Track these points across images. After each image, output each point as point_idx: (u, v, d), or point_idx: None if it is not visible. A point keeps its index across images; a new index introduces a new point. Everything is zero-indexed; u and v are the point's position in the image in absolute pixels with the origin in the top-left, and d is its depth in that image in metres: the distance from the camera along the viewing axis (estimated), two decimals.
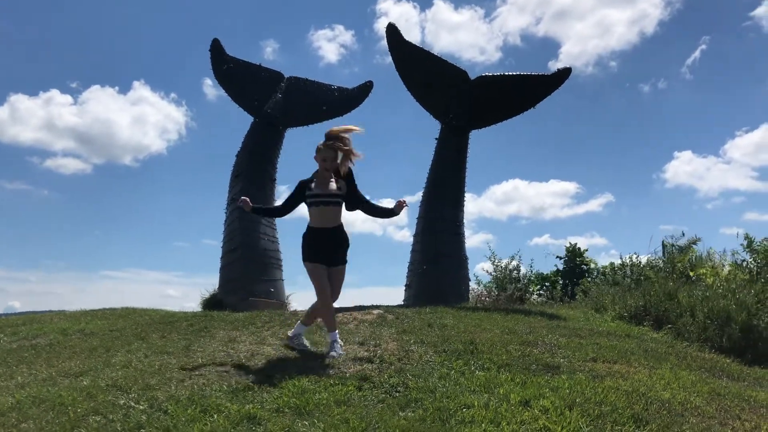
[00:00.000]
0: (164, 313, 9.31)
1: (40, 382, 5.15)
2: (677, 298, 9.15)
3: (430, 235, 12.03)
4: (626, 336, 7.48)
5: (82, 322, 8.59)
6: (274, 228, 13.52)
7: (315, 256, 5.95)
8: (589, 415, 4.11)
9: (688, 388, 5.04)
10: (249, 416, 4.05)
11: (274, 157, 13.91)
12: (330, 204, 5.95)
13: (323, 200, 5.92)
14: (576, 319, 8.87)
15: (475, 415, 4.05)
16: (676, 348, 7.16)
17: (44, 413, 4.24)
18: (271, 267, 12.87)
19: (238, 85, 14.14)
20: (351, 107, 14.42)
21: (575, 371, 5.29)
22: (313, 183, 5.97)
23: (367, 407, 4.29)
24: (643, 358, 6.12)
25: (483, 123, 12.73)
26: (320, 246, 5.97)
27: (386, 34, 11.86)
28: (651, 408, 4.36)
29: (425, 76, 12.30)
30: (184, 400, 4.38)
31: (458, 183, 12.40)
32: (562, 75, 11.61)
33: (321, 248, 5.97)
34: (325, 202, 5.92)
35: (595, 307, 10.55)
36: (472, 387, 4.70)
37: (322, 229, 5.97)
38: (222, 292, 12.65)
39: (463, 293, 12.00)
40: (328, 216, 5.97)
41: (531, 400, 4.37)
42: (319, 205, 5.93)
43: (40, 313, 11.50)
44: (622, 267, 13.82)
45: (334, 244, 6.02)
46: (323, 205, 5.93)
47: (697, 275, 10.76)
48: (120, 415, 4.12)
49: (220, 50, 13.96)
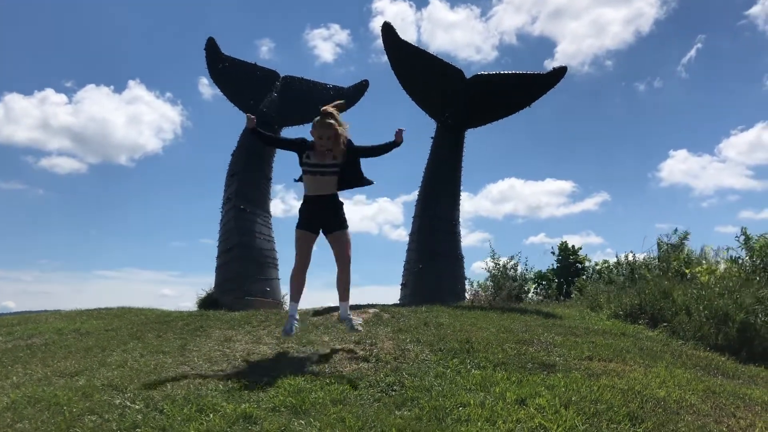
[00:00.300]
0: (160, 313, 9.29)
1: (36, 382, 5.13)
2: (672, 296, 9.18)
3: (426, 234, 12.04)
4: (621, 334, 7.50)
5: (78, 321, 8.56)
6: (270, 227, 13.52)
7: (305, 223, 6.18)
8: (584, 414, 4.12)
9: (684, 386, 5.06)
10: (245, 415, 4.05)
11: (270, 156, 13.91)
12: (326, 174, 6.12)
13: (319, 170, 6.09)
14: (571, 318, 8.89)
15: (471, 414, 4.06)
16: (671, 346, 7.18)
17: (40, 413, 4.23)
18: (267, 266, 12.87)
19: (233, 85, 14.12)
20: (346, 106, 14.39)
21: (571, 369, 5.31)
22: (311, 152, 6.11)
23: (363, 406, 4.29)
24: (638, 357, 6.14)
25: (478, 122, 12.74)
26: (314, 213, 6.16)
27: (381, 33, 11.86)
28: (646, 406, 4.38)
29: (421, 75, 12.30)
30: (179, 400, 4.38)
31: (454, 182, 12.42)
32: (558, 74, 11.63)
33: (315, 215, 6.17)
34: (321, 171, 6.10)
35: (590, 305, 10.58)
36: (468, 386, 4.71)
37: (317, 197, 6.15)
38: (218, 291, 12.64)
39: (459, 292, 12.01)
40: (323, 184, 6.14)
41: (527, 398, 4.37)
42: (315, 174, 6.11)
43: (35, 312, 11.46)
44: (617, 265, 13.86)
45: (329, 211, 6.19)
46: (319, 175, 6.11)
47: (692, 273, 10.80)
48: (116, 415, 4.12)
49: (216, 49, 13.94)
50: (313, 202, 6.17)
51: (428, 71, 12.16)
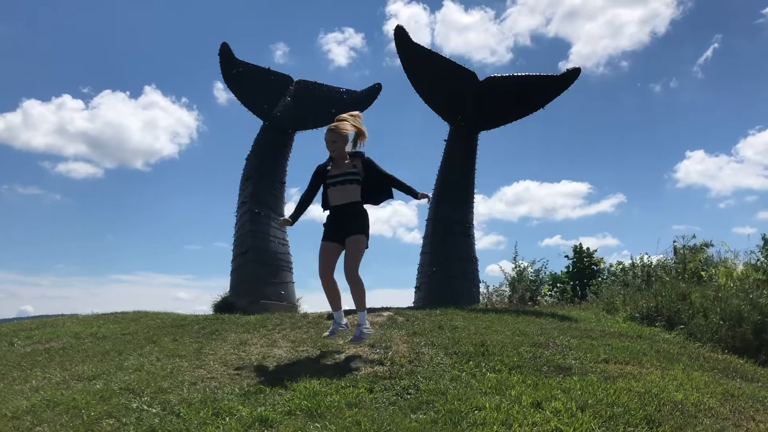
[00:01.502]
0: (176, 317, 9.35)
1: (55, 386, 5.19)
2: (689, 298, 9.09)
3: (440, 237, 12.02)
4: (638, 337, 7.44)
5: (95, 325, 8.64)
6: (285, 231, 13.56)
7: (327, 233, 6.22)
8: (601, 417, 4.10)
9: (702, 389, 5.01)
10: (261, 419, 4.07)
11: (284, 159, 13.94)
12: (346, 183, 6.16)
13: (339, 179, 6.15)
14: (587, 320, 8.84)
15: (487, 417, 4.05)
16: (688, 349, 7.11)
17: (58, 416, 4.27)
18: (282, 270, 12.90)
19: (247, 89, 14.18)
20: (360, 110, 14.43)
21: (587, 372, 5.28)
22: (329, 166, 6.24)
23: (378, 409, 4.29)
24: (655, 359, 6.09)
25: (492, 124, 12.70)
26: (335, 222, 6.19)
27: (394, 36, 11.87)
28: (664, 409, 4.34)
29: (433, 78, 12.29)
30: (196, 403, 4.40)
31: (467, 184, 12.39)
32: (572, 75, 11.58)
33: (336, 224, 6.18)
34: (341, 181, 6.16)
35: (606, 308, 10.50)
36: (483, 389, 4.70)
37: (340, 206, 6.18)
38: (233, 295, 12.69)
39: (474, 295, 11.98)
40: (345, 193, 6.17)
41: (543, 401, 4.36)
42: (336, 185, 6.16)
43: (53, 317, 11.58)
44: (632, 267, 13.77)
45: (349, 218, 6.18)
46: (340, 185, 6.16)
47: (709, 275, 10.70)
48: (133, 419, 4.15)
49: (229, 54, 14.01)
50: (336, 213, 6.20)
51: (441, 74, 12.15)
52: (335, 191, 6.17)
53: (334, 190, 6.17)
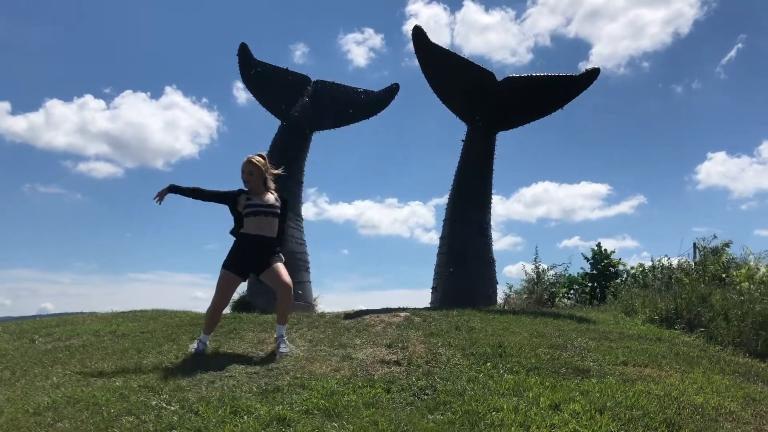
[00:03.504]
0: (194, 315, 9.42)
1: (75, 383, 5.24)
2: (710, 301, 8.99)
3: (457, 238, 12.00)
4: (657, 339, 7.37)
5: (114, 323, 8.73)
6: (302, 230, 13.61)
7: (234, 263, 6.15)
8: (620, 420, 4.06)
9: (722, 393, 4.95)
10: (279, 418, 4.08)
11: (301, 159, 14.00)
12: (269, 215, 6.21)
13: (263, 210, 6.18)
14: (606, 322, 8.77)
15: (505, 419, 4.03)
16: (708, 352, 7.02)
17: (79, 413, 4.32)
18: (299, 269, 12.95)
19: (265, 90, 14.25)
20: (377, 110, 14.48)
21: (605, 375, 5.23)
22: (250, 195, 6.26)
23: (395, 410, 4.29)
24: (674, 362, 6.03)
25: (510, 124, 12.67)
26: (249, 253, 6.16)
27: (412, 37, 11.86)
28: (684, 413, 4.29)
29: (451, 78, 12.28)
30: (214, 402, 4.43)
31: (485, 185, 12.35)
32: (591, 75, 11.51)
33: (249, 255, 6.16)
34: (264, 212, 6.19)
35: (624, 310, 10.41)
36: (501, 390, 4.68)
37: (259, 237, 6.17)
38: (251, 294, 12.76)
39: (491, 296, 11.94)
40: (266, 225, 6.20)
41: (561, 403, 4.33)
42: (259, 214, 6.17)
43: (72, 314, 11.71)
44: (652, 269, 13.63)
45: (266, 252, 6.20)
46: (263, 215, 6.18)
47: (730, 277, 10.56)
48: (152, 416, 4.18)
49: (248, 55, 14.09)
50: (251, 241, 6.16)
51: (459, 74, 12.13)
52: (256, 220, 6.15)
53: (255, 219, 6.15)
